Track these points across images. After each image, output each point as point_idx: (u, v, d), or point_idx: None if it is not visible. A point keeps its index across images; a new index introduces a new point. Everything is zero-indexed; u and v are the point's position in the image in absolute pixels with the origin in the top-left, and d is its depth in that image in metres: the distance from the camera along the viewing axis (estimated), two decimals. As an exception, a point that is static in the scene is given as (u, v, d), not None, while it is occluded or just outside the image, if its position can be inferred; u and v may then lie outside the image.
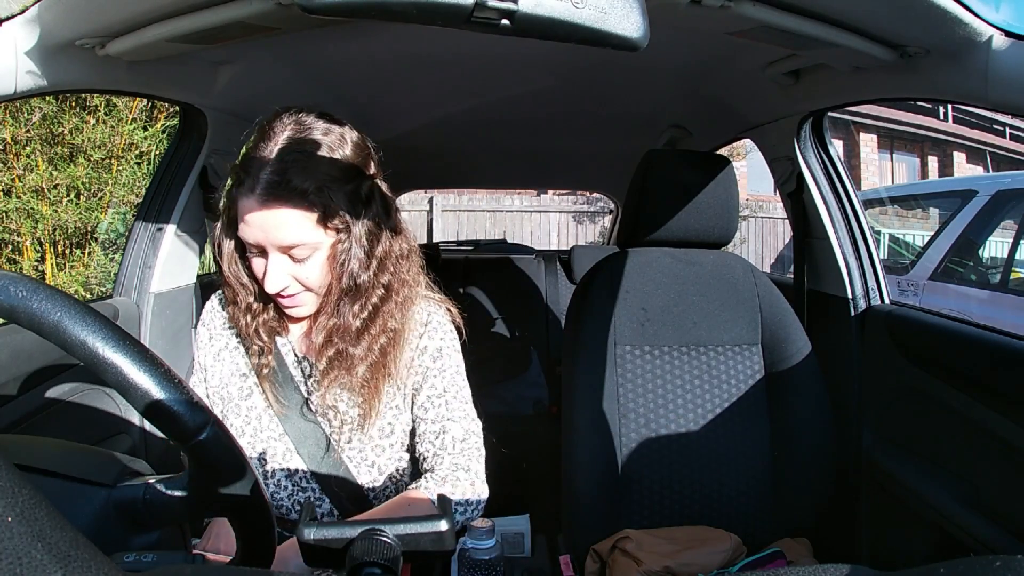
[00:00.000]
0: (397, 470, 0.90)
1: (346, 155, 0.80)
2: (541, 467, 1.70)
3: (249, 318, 0.87)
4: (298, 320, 0.91)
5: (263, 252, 0.80)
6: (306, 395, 0.89)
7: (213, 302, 0.96)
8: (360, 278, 0.82)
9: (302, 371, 0.90)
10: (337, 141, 0.80)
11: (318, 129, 0.79)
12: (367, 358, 0.84)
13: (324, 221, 0.79)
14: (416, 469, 0.92)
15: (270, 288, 0.80)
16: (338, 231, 0.80)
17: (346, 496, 0.88)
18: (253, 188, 0.76)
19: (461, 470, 0.85)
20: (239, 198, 0.78)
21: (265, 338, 0.88)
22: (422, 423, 0.89)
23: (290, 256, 0.79)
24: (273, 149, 0.77)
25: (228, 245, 0.85)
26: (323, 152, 0.78)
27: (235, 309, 0.88)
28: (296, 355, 0.91)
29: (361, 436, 0.88)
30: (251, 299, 0.87)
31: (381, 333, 0.85)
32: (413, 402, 0.90)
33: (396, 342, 0.87)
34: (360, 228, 0.81)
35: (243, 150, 0.82)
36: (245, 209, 0.77)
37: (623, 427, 1.14)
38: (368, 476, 0.88)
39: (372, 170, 0.85)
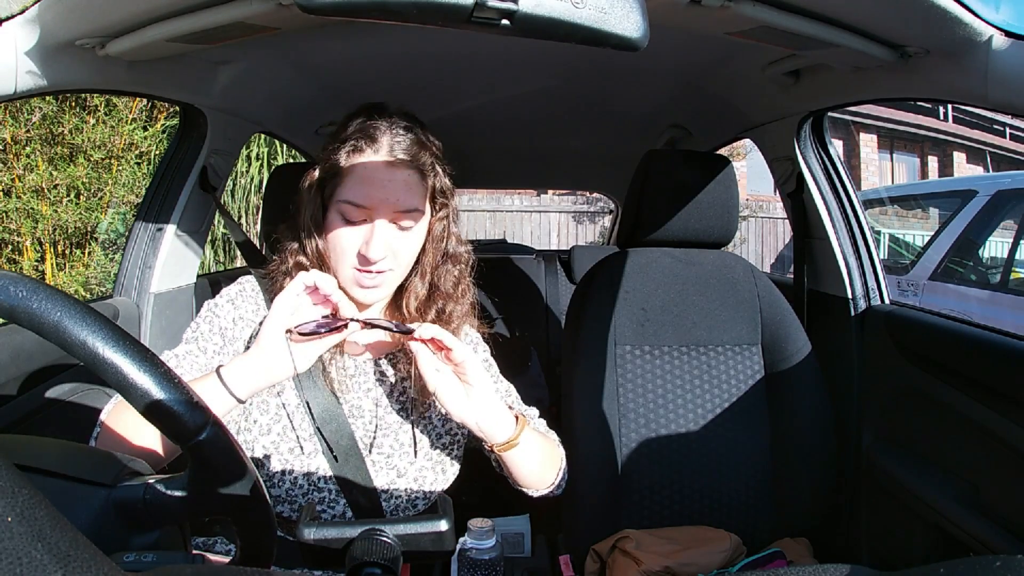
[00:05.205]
0: (415, 479, 0.90)
1: (439, 146, 0.90)
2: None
3: None
4: (363, 307, 0.89)
5: (366, 220, 0.82)
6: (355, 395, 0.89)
7: (244, 286, 0.92)
8: (457, 249, 0.92)
9: (343, 369, 0.89)
10: (429, 135, 0.89)
11: (412, 121, 0.87)
12: (459, 323, 0.91)
13: (432, 196, 0.87)
14: (435, 478, 0.92)
15: (374, 253, 0.80)
16: (439, 208, 0.89)
17: (362, 496, 0.87)
18: (378, 151, 0.82)
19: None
20: (356, 161, 0.82)
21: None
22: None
23: (396, 225, 0.83)
24: (390, 126, 0.83)
25: (314, 221, 0.86)
26: (428, 140, 0.87)
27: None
28: (341, 352, 0.89)
29: (392, 441, 0.88)
30: None
31: (464, 299, 0.93)
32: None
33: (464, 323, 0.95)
34: (453, 208, 0.92)
35: (349, 124, 0.85)
36: (367, 169, 0.81)
37: (623, 427, 1.14)
38: (386, 479, 0.88)
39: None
